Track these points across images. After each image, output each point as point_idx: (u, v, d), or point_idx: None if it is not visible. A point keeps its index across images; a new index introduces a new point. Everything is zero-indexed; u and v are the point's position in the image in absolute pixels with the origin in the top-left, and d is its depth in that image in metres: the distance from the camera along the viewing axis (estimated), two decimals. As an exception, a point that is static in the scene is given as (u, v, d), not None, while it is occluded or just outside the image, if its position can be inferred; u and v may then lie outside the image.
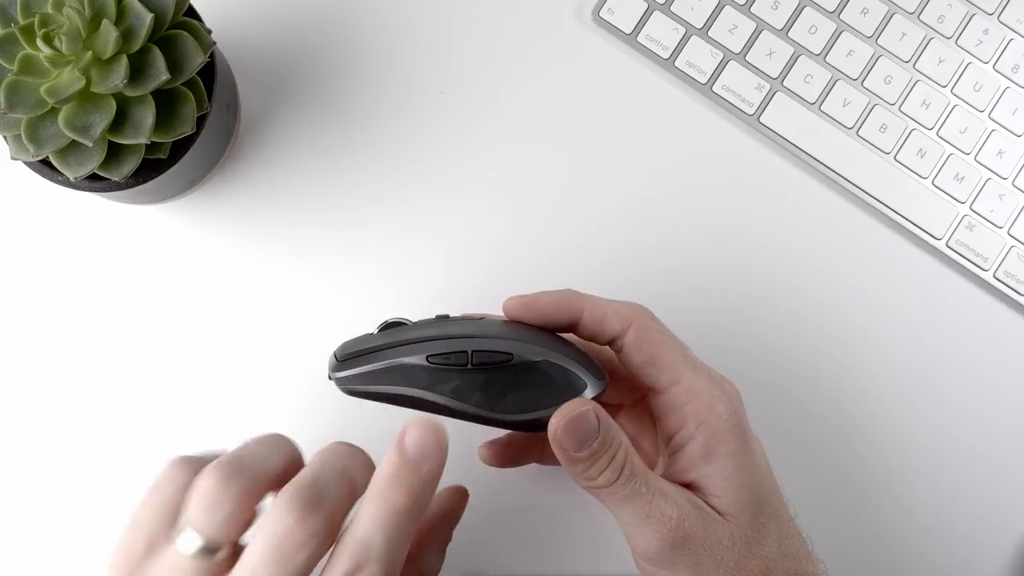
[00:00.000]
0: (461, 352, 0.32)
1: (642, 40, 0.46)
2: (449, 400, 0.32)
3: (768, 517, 0.33)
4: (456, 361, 0.32)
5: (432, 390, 0.32)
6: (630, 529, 0.33)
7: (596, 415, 0.31)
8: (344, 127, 0.45)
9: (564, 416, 0.31)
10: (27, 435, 0.43)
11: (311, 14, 0.46)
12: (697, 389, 0.34)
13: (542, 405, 0.32)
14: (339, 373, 0.33)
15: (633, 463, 0.32)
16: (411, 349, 0.32)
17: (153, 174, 0.38)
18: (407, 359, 0.32)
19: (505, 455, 0.40)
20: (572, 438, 0.31)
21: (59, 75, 0.35)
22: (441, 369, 0.32)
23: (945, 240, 0.46)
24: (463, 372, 0.32)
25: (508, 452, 0.40)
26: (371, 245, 0.45)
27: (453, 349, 0.32)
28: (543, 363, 0.32)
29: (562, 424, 0.31)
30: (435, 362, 0.32)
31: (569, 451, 0.31)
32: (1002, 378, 0.46)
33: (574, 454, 0.31)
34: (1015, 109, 0.46)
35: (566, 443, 0.31)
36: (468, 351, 0.32)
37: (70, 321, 0.43)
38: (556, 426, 0.31)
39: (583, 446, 0.31)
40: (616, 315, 0.34)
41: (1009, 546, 0.45)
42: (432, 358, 0.32)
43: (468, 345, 0.32)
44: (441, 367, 0.32)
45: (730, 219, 0.46)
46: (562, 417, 0.31)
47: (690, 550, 0.32)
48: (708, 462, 0.33)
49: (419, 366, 0.32)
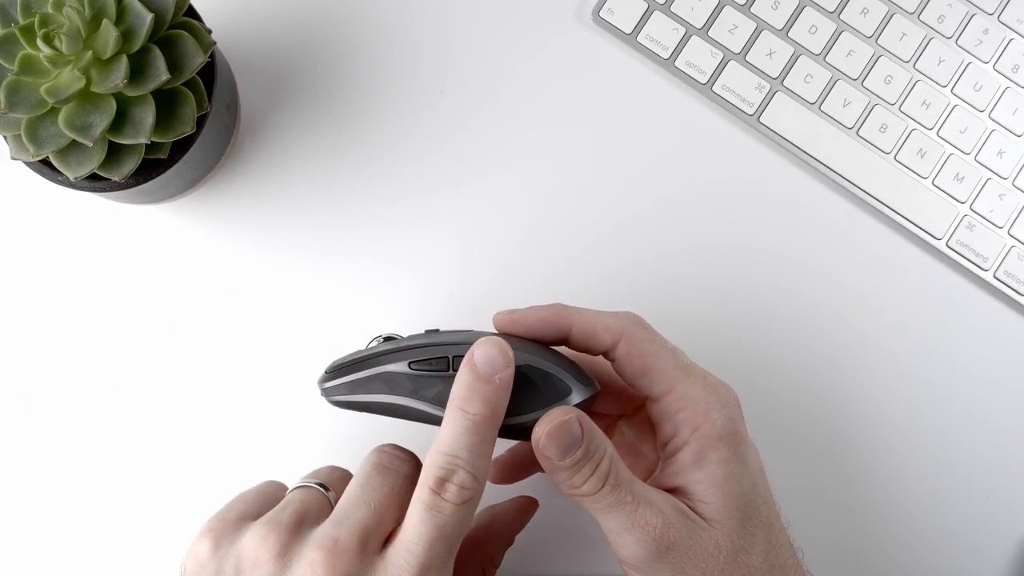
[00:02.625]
0: (442, 358, 0.32)
1: (642, 40, 0.46)
2: (432, 407, 0.33)
3: (757, 525, 0.33)
4: (437, 367, 0.32)
5: (415, 397, 0.33)
6: (614, 537, 0.32)
7: (580, 423, 0.31)
8: (344, 127, 0.45)
9: (547, 424, 0.31)
10: (27, 435, 0.43)
11: (311, 14, 0.46)
12: (691, 396, 0.34)
13: (526, 410, 0.32)
14: (326, 384, 0.34)
15: (618, 471, 0.32)
16: (394, 357, 0.33)
17: (153, 174, 0.38)
18: (390, 367, 0.33)
19: (510, 471, 0.40)
20: (555, 446, 0.31)
21: (59, 75, 0.35)
22: (423, 375, 0.32)
23: (945, 240, 0.46)
24: (444, 378, 0.32)
25: (513, 468, 0.40)
26: (371, 245, 0.45)
27: (434, 355, 0.32)
28: (526, 368, 0.32)
29: (545, 432, 0.31)
30: (417, 368, 0.32)
31: (552, 459, 0.31)
32: (1002, 378, 0.46)
33: (558, 462, 0.31)
34: (1015, 109, 0.46)
35: (549, 451, 0.31)
36: (449, 356, 0.32)
37: (70, 321, 0.43)
38: (539, 434, 0.31)
39: (566, 454, 0.31)
40: (605, 329, 0.34)
41: (1009, 546, 0.45)
42: (414, 364, 0.32)
43: (449, 351, 0.32)
44: (423, 373, 0.32)
45: (729, 218, 0.46)
46: (545, 425, 0.31)
47: (674, 558, 0.32)
48: (698, 468, 0.33)
49: (402, 374, 0.33)
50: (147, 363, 0.43)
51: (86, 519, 0.42)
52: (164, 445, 0.43)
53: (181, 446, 0.43)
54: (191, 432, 0.43)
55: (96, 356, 0.43)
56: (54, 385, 0.43)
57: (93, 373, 0.43)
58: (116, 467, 0.43)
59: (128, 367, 0.43)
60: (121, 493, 0.43)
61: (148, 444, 0.43)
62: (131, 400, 0.43)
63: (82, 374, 0.43)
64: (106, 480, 0.42)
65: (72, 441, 0.43)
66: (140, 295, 0.44)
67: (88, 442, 0.43)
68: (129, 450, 0.43)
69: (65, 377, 0.43)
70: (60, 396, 0.43)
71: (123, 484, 0.43)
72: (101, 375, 0.43)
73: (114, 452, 0.43)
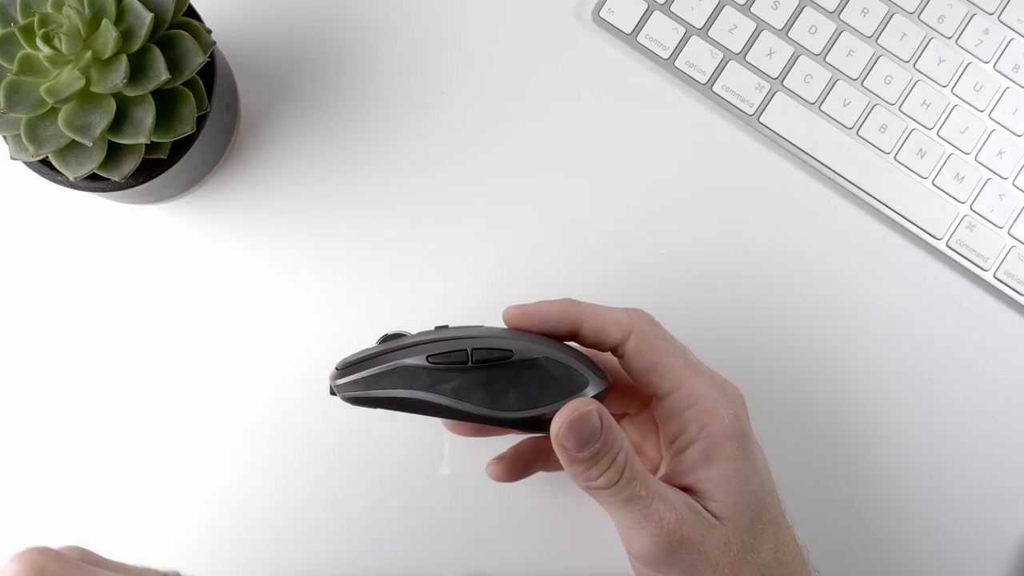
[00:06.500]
0: (461, 351, 0.32)
1: (642, 40, 0.46)
2: (451, 400, 0.32)
3: (765, 523, 0.33)
4: (456, 359, 0.32)
5: (433, 391, 0.32)
6: (627, 531, 0.32)
7: (599, 415, 0.31)
8: (344, 126, 0.45)
9: (567, 416, 0.31)
10: (27, 435, 0.43)
11: (311, 14, 0.46)
12: (699, 394, 0.34)
13: (544, 401, 0.32)
14: (339, 381, 0.33)
15: (633, 465, 0.32)
16: (411, 351, 0.33)
17: (153, 174, 0.38)
18: (407, 360, 0.32)
19: (514, 469, 0.40)
20: (575, 438, 0.31)
21: (59, 75, 0.35)
22: (442, 369, 0.32)
23: (945, 240, 0.46)
24: (464, 371, 0.32)
25: (516, 466, 0.40)
26: (371, 244, 0.45)
27: (453, 348, 0.32)
28: (544, 359, 0.32)
29: (565, 424, 0.31)
30: (435, 361, 0.32)
31: (571, 451, 0.31)
32: (1002, 378, 0.46)
33: (576, 454, 0.31)
34: (1015, 109, 0.46)
35: (568, 443, 0.31)
36: (468, 349, 0.32)
37: (70, 321, 0.43)
38: (559, 426, 0.31)
39: (585, 446, 0.31)
40: (615, 324, 0.34)
41: (1009, 546, 0.45)
42: (432, 358, 0.32)
43: (467, 344, 0.32)
44: (442, 366, 0.32)
45: (729, 218, 0.46)
46: (565, 417, 0.31)
47: (686, 554, 0.32)
48: (708, 466, 0.33)
49: (420, 367, 0.32)
50: (147, 363, 0.43)
51: (86, 519, 0.42)
52: (165, 445, 0.43)
53: (182, 446, 0.43)
54: (191, 432, 0.43)
55: (96, 356, 0.43)
56: (54, 385, 0.43)
57: (93, 373, 0.43)
58: (116, 467, 0.43)
59: (128, 367, 0.43)
60: (121, 493, 0.43)
61: (148, 444, 0.43)
62: (131, 400, 0.43)
63: (82, 374, 0.43)
64: (106, 480, 0.42)
65: (72, 441, 0.43)
66: (140, 295, 0.44)
67: (88, 442, 0.43)
68: (129, 450, 0.43)
69: (65, 377, 0.43)
70: (60, 396, 0.43)
71: (123, 484, 0.43)
72: (101, 375, 0.43)
73: (114, 452, 0.43)
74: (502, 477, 0.40)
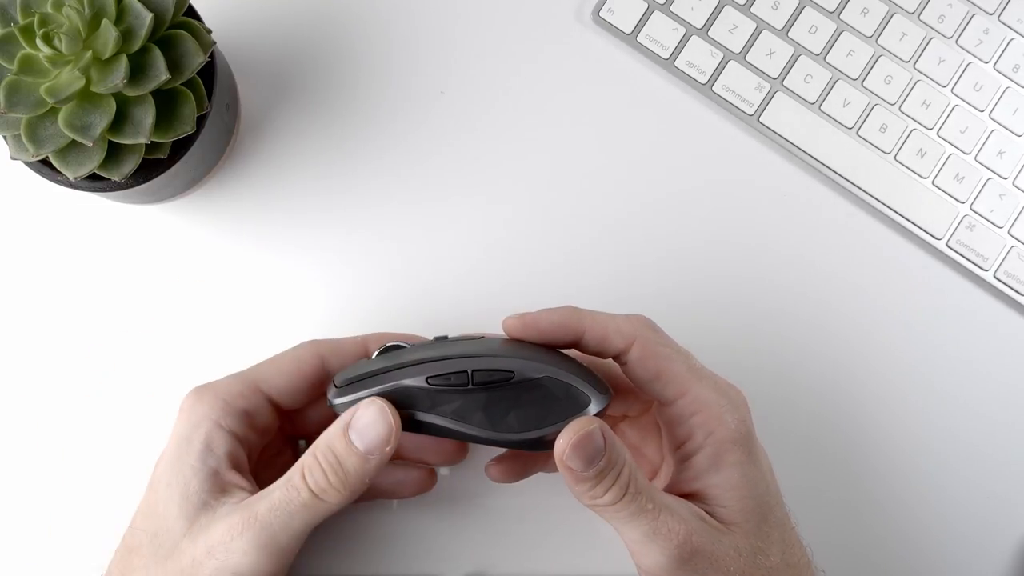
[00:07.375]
0: (461, 372, 0.31)
1: (642, 40, 0.46)
2: (451, 422, 0.32)
3: (772, 526, 0.33)
4: (456, 381, 0.31)
5: (433, 412, 0.32)
6: (636, 547, 0.32)
7: (603, 434, 0.31)
8: (344, 126, 0.45)
9: (571, 437, 0.31)
10: (27, 435, 0.43)
11: (311, 14, 0.46)
12: (704, 400, 0.34)
13: (546, 423, 0.32)
14: (339, 399, 0.33)
15: (637, 480, 0.31)
16: (410, 371, 0.32)
17: (153, 174, 0.38)
18: (406, 381, 0.32)
19: (513, 469, 0.40)
20: (580, 458, 0.31)
21: (59, 75, 0.35)
22: (442, 390, 0.32)
23: (945, 240, 0.46)
24: (464, 392, 0.32)
25: (516, 466, 0.40)
26: (371, 245, 0.45)
27: (453, 369, 0.31)
28: (545, 379, 0.32)
29: (569, 445, 0.31)
30: (435, 383, 0.31)
31: (577, 471, 0.31)
32: (1002, 378, 0.46)
33: (582, 473, 0.31)
34: (1015, 109, 0.46)
35: (574, 463, 0.31)
36: (468, 371, 0.31)
37: (70, 321, 0.43)
38: (563, 448, 0.31)
39: (591, 465, 0.31)
40: (618, 332, 0.34)
41: (1009, 546, 0.45)
42: (432, 379, 0.31)
43: (468, 365, 0.31)
44: (442, 388, 0.32)
45: (729, 219, 0.46)
46: (569, 438, 0.31)
47: (697, 564, 0.31)
48: (715, 472, 0.33)
49: (419, 388, 0.32)
50: (147, 363, 0.43)
51: (86, 519, 0.42)
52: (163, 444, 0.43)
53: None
54: (191, 432, 0.43)
55: (96, 356, 0.43)
56: (54, 384, 0.43)
57: (93, 373, 0.43)
58: (116, 467, 0.43)
59: (128, 367, 0.43)
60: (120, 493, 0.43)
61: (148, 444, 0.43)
62: (131, 400, 0.43)
63: (82, 374, 0.43)
64: (106, 480, 0.42)
65: (72, 441, 0.43)
66: (140, 295, 0.44)
67: (88, 442, 0.43)
68: (129, 450, 0.43)
69: (65, 377, 0.43)
70: (60, 395, 0.43)
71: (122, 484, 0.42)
72: (101, 375, 0.43)
73: (114, 452, 0.43)
74: (501, 478, 0.40)
